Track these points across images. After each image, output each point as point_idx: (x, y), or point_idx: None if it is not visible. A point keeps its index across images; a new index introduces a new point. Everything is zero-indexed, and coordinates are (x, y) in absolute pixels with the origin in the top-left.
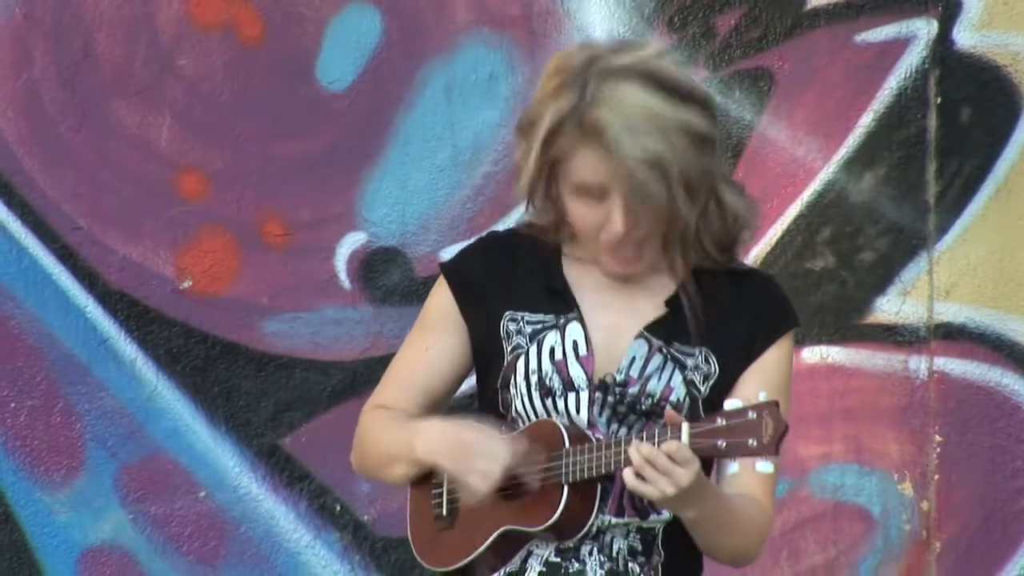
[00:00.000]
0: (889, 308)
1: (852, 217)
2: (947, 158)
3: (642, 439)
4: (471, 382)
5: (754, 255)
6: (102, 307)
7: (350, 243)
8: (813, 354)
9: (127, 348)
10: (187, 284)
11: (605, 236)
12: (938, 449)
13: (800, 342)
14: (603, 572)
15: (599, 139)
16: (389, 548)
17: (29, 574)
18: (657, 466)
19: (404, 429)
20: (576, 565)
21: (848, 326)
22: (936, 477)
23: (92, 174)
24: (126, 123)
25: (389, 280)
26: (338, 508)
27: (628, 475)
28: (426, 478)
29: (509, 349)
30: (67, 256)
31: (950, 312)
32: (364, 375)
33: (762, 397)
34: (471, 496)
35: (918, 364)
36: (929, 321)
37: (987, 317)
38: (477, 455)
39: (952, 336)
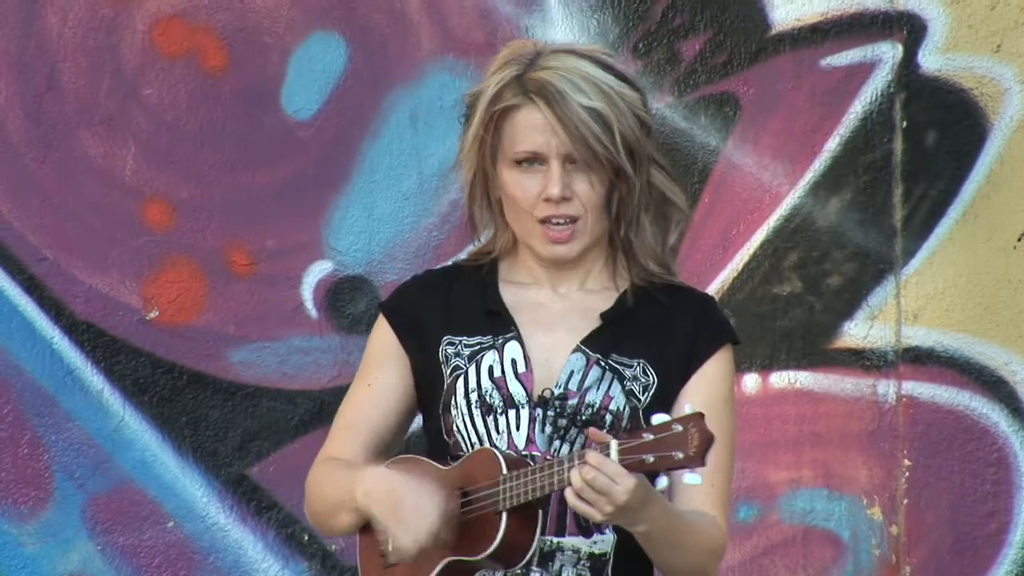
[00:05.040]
0: (857, 333)
1: (819, 242)
2: (913, 182)
3: (573, 460)
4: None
5: (720, 280)
6: (68, 338)
7: (317, 272)
8: (781, 379)
9: (94, 379)
10: (153, 314)
11: (544, 199)
12: (907, 473)
13: (768, 367)
14: None
15: (542, 95)
16: None
17: None
18: (595, 487)
19: (347, 476)
20: None
21: (816, 351)
22: (905, 501)
23: (57, 204)
24: (91, 153)
25: (356, 308)
26: (306, 537)
27: (571, 496)
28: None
29: (448, 372)
30: (33, 287)
31: (918, 336)
32: (331, 404)
33: (687, 409)
34: (398, 555)
35: (886, 388)
36: (897, 345)
37: (955, 341)
38: (410, 514)
39: (920, 360)
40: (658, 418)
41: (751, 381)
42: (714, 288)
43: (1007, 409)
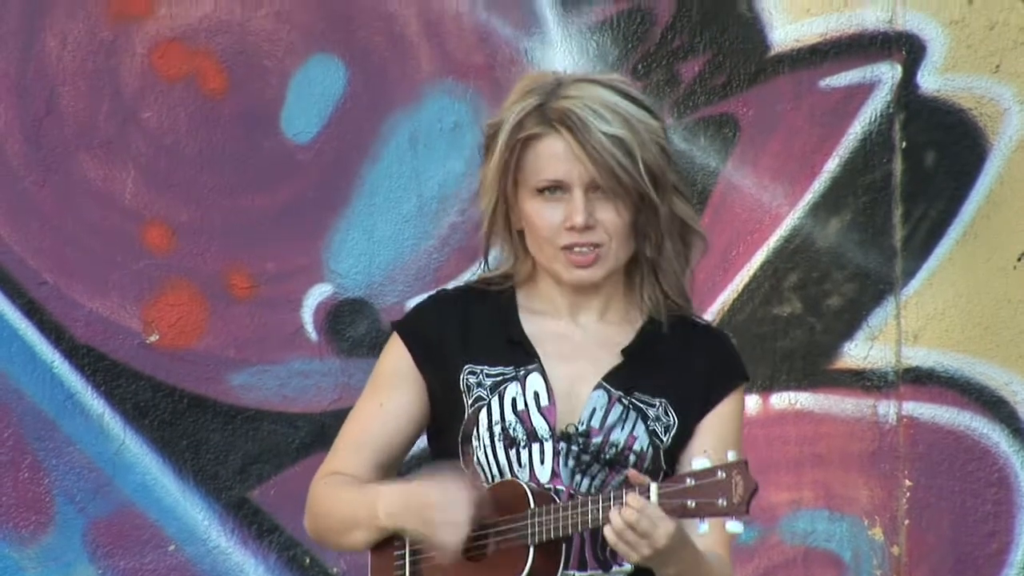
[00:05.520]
0: (857, 353)
1: (819, 262)
2: (913, 202)
3: (609, 499)
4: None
5: (721, 301)
6: (69, 361)
7: (317, 295)
8: (782, 400)
9: (94, 402)
10: (154, 338)
11: (567, 228)
12: (908, 494)
13: (768, 388)
14: None
15: (564, 124)
16: None
17: None
18: (637, 529)
19: (363, 494)
20: None
21: (816, 372)
22: (906, 522)
23: (57, 228)
24: (90, 176)
25: (356, 331)
26: (308, 560)
27: (610, 535)
28: (386, 542)
29: (470, 402)
30: (33, 311)
31: (918, 356)
32: (332, 427)
33: (730, 456)
34: (443, 552)
35: (887, 409)
36: (897, 366)
37: (955, 361)
38: (441, 510)
39: (920, 380)
40: (699, 462)
41: (752, 402)
42: (714, 309)
43: (1008, 429)
